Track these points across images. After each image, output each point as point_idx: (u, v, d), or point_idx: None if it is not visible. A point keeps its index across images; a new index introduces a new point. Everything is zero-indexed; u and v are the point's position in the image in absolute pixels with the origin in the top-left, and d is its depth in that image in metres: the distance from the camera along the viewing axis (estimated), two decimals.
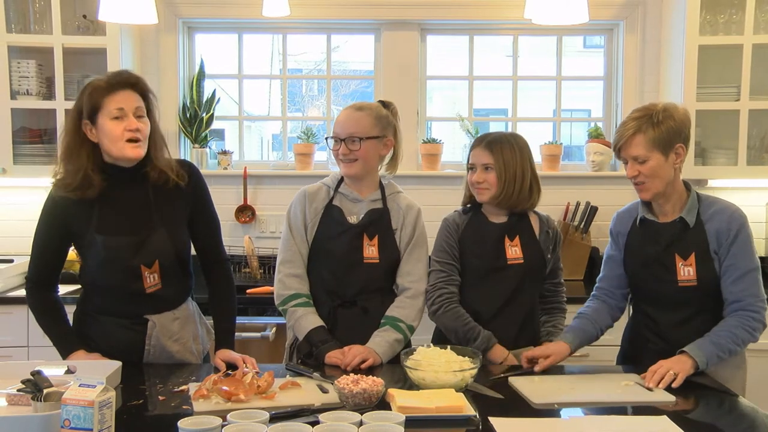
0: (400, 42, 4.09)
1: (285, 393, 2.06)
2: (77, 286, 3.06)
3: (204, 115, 4.06)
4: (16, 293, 3.50)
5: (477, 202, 2.58)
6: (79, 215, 2.29)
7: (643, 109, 2.39)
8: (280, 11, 3.54)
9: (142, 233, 2.31)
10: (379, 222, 2.53)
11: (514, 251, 2.54)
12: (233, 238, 3.99)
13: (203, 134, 4.07)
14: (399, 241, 2.55)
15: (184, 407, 1.97)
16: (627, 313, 2.65)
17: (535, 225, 2.60)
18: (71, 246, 2.39)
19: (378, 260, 2.51)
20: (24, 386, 1.81)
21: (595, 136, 4.15)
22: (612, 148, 2.47)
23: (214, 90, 4.14)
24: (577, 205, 3.99)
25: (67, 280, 2.57)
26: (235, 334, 2.49)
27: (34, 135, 3.85)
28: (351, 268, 2.50)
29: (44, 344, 2.50)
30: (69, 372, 2.07)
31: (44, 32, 3.74)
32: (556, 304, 2.67)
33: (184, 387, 2.12)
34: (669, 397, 2.09)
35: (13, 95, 3.73)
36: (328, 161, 4.17)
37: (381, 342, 2.43)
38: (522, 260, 2.53)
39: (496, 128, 3.90)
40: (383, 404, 1.96)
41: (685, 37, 3.70)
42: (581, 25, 3.18)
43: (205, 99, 4.08)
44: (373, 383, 1.97)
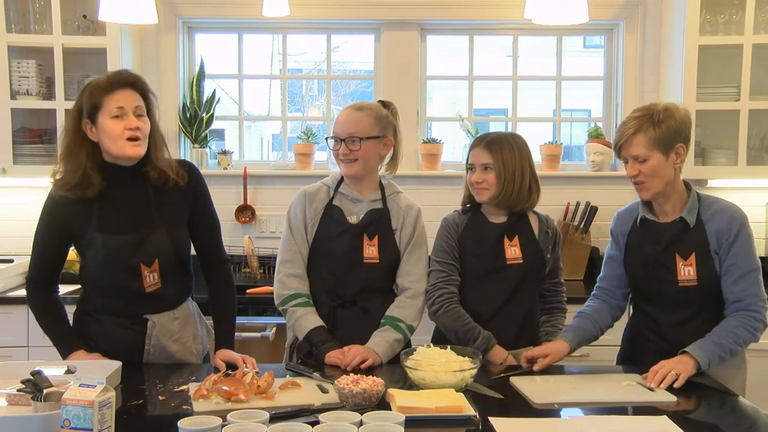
0: (400, 42, 4.09)
1: (285, 393, 2.06)
2: (77, 286, 3.06)
3: (204, 115, 4.06)
4: (16, 293, 3.50)
5: (476, 202, 2.58)
6: (78, 214, 2.29)
7: (644, 109, 2.39)
8: (280, 11, 3.54)
9: (141, 232, 2.31)
10: (379, 222, 2.53)
11: (513, 251, 2.53)
12: (233, 238, 3.99)
13: (203, 134, 4.07)
14: (399, 241, 2.55)
15: (184, 407, 1.97)
16: (627, 313, 2.65)
17: (534, 225, 2.60)
18: (71, 246, 2.39)
19: (378, 260, 2.51)
20: (24, 386, 1.81)
21: (595, 136, 4.15)
22: (612, 147, 2.47)
23: (214, 90, 4.14)
24: (577, 205, 3.99)
25: (67, 280, 2.57)
26: (235, 334, 2.49)
27: (34, 135, 3.85)
28: (351, 268, 2.50)
29: (44, 344, 2.50)
30: (69, 372, 2.07)
31: (44, 32, 3.74)
32: (556, 304, 2.67)
33: (184, 387, 2.12)
34: (670, 398, 2.09)
35: (13, 95, 3.73)
36: (328, 161, 4.16)
37: (381, 342, 2.43)
38: (521, 260, 2.53)
39: (496, 128, 3.90)
40: (383, 404, 1.96)
41: (685, 37, 3.70)
42: (581, 25, 3.17)
43: (205, 99, 4.08)
44: (373, 383, 1.97)
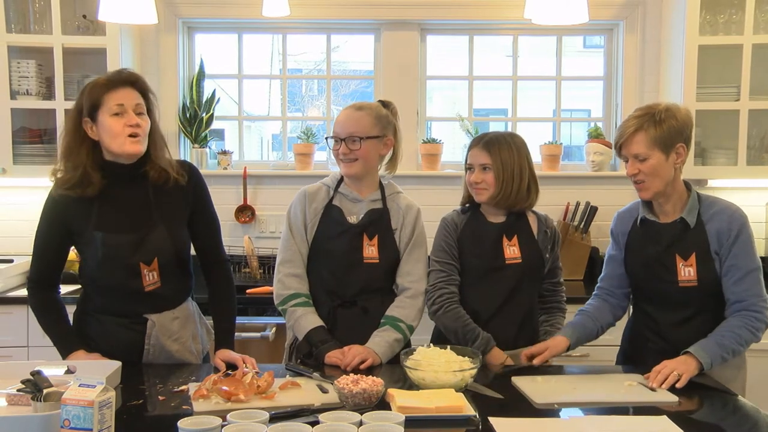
0: (400, 42, 4.09)
1: (285, 393, 2.06)
2: (77, 286, 3.06)
3: (204, 115, 4.06)
4: (16, 293, 3.50)
5: (475, 202, 2.58)
6: (78, 213, 2.29)
7: (645, 108, 2.39)
8: (280, 11, 3.54)
9: (141, 231, 2.31)
10: (378, 222, 2.53)
11: (512, 251, 2.53)
12: (233, 238, 3.99)
13: (203, 134, 4.07)
14: (399, 241, 2.55)
15: (184, 407, 1.97)
16: (627, 313, 2.65)
17: (533, 224, 2.60)
18: (72, 245, 2.39)
19: (378, 260, 2.51)
20: (24, 386, 1.81)
21: (595, 136, 4.15)
22: (613, 146, 2.47)
23: (214, 90, 4.14)
24: (577, 205, 3.99)
25: (67, 280, 2.57)
26: (235, 334, 2.49)
27: (33, 135, 3.85)
28: (351, 268, 2.50)
29: (44, 344, 2.50)
30: (69, 372, 2.07)
31: (44, 32, 3.73)
32: (555, 304, 2.67)
33: (183, 387, 2.12)
34: (672, 398, 2.09)
35: (13, 95, 3.73)
36: (327, 161, 4.17)
37: (381, 342, 2.43)
38: (520, 260, 2.53)
39: (496, 128, 3.90)
40: (383, 404, 1.96)
41: (685, 37, 3.70)
42: (581, 25, 3.17)
43: (204, 99, 4.08)
44: (372, 383, 1.96)
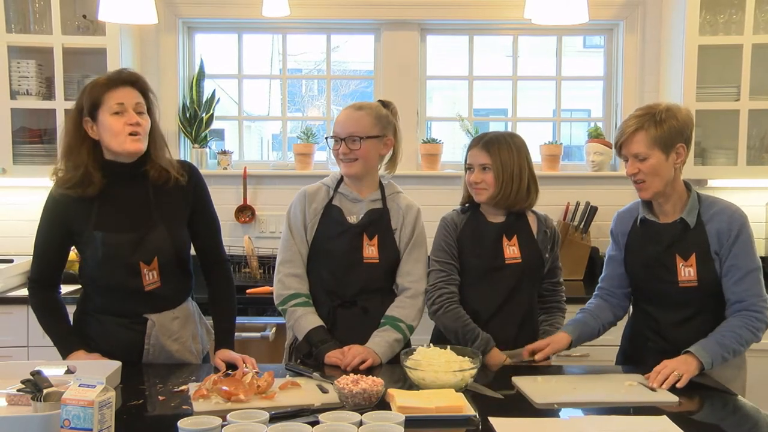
0: (400, 42, 4.09)
1: (285, 393, 2.06)
2: (77, 286, 3.06)
3: (204, 115, 4.06)
4: (16, 293, 3.50)
5: (475, 202, 2.58)
6: (79, 213, 2.29)
7: (646, 108, 2.39)
8: (280, 11, 3.54)
9: (141, 230, 2.31)
10: (378, 222, 2.53)
11: (512, 251, 2.53)
12: (233, 238, 3.99)
13: (203, 134, 4.07)
14: (399, 241, 2.55)
15: (184, 407, 1.97)
16: (627, 313, 2.65)
17: (533, 224, 2.60)
18: (73, 245, 2.39)
19: (378, 260, 2.51)
20: (24, 386, 1.81)
21: (595, 136, 4.15)
22: (613, 145, 2.47)
23: (214, 90, 4.14)
24: (577, 205, 3.99)
25: (67, 280, 2.57)
26: (235, 334, 2.49)
27: (33, 135, 3.85)
28: (351, 268, 2.50)
29: (44, 344, 2.50)
30: (69, 372, 2.07)
31: (44, 32, 3.73)
32: (555, 304, 2.67)
33: (183, 387, 2.12)
34: (672, 398, 2.09)
35: (13, 95, 3.73)
36: (327, 161, 4.17)
37: (381, 342, 2.43)
38: (520, 260, 2.53)
39: (496, 128, 3.90)
40: (383, 404, 1.96)
41: (685, 37, 3.70)
42: (581, 25, 3.17)
43: (204, 99, 4.08)
44: (372, 383, 1.96)
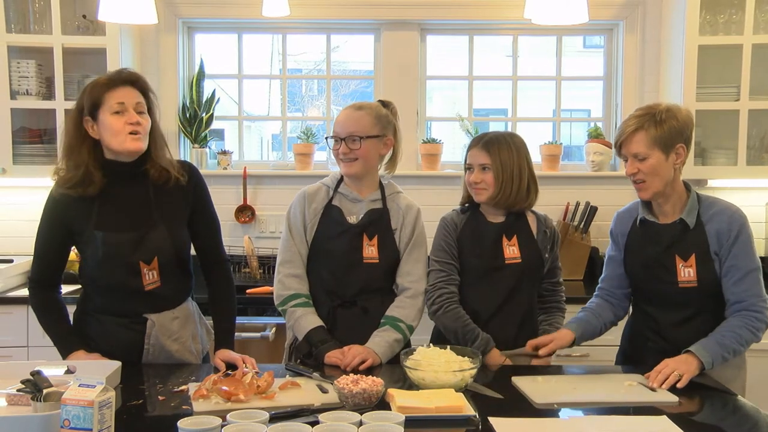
0: (400, 42, 4.09)
1: (285, 393, 2.06)
2: (77, 286, 3.06)
3: (204, 115, 4.06)
4: (16, 293, 3.50)
5: (475, 202, 2.58)
6: (79, 212, 2.29)
7: (646, 108, 2.39)
8: (280, 11, 3.54)
9: (141, 230, 2.31)
10: (378, 222, 2.53)
11: (511, 251, 2.54)
12: (233, 238, 3.99)
13: (203, 134, 4.07)
14: (398, 241, 2.55)
15: (184, 407, 1.97)
16: (627, 313, 2.65)
17: (532, 224, 2.60)
18: (73, 245, 2.39)
19: (377, 260, 2.51)
20: (24, 386, 1.81)
21: (595, 136, 4.15)
22: (613, 145, 2.47)
23: (214, 90, 4.14)
24: (577, 205, 3.99)
25: (67, 280, 2.57)
26: (235, 334, 2.49)
27: (33, 135, 3.85)
28: (350, 268, 2.50)
29: (44, 344, 2.50)
30: (69, 372, 2.07)
31: (44, 32, 3.73)
32: (555, 304, 2.67)
33: (183, 387, 2.12)
34: (672, 398, 2.09)
35: (13, 95, 3.73)
36: (327, 161, 4.17)
37: (380, 342, 2.43)
38: (520, 260, 2.53)
39: (496, 128, 3.90)
40: (383, 404, 1.96)
41: (685, 37, 3.70)
42: (581, 25, 3.17)
43: (204, 99, 4.08)
44: (372, 383, 1.96)
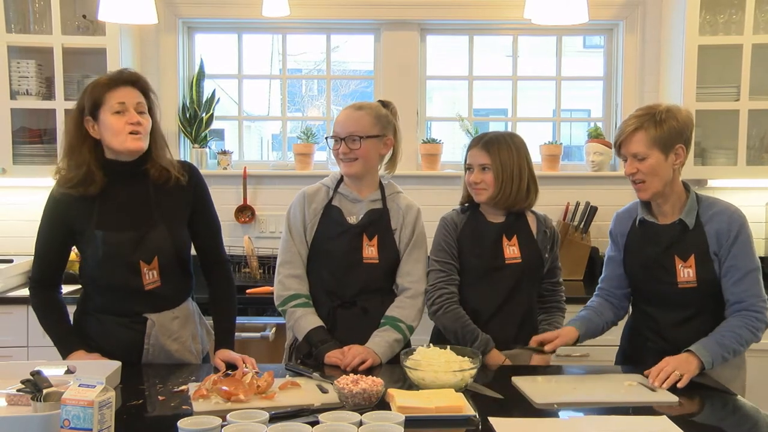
0: (400, 42, 4.09)
1: (285, 393, 2.06)
2: (77, 286, 3.06)
3: (204, 115, 4.06)
4: (16, 293, 3.50)
5: (474, 202, 2.58)
6: (79, 212, 2.30)
7: (646, 108, 2.39)
8: (279, 11, 3.54)
9: (141, 229, 2.31)
10: (378, 222, 2.53)
11: (512, 251, 2.54)
12: (233, 238, 3.99)
13: (203, 134, 4.07)
14: (398, 241, 2.55)
15: (184, 407, 1.97)
16: (627, 313, 2.65)
17: (532, 224, 2.60)
18: (74, 245, 2.39)
19: (377, 260, 2.51)
20: (24, 386, 1.81)
21: (595, 136, 4.15)
22: (613, 145, 2.47)
23: (214, 90, 4.14)
24: (577, 205, 3.99)
25: (67, 280, 2.57)
26: (235, 334, 2.49)
27: (33, 135, 3.85)
28: (350, 268, 2.50)
29: (44, 344, 2.50)
30: (69, 372, 2.07)
31: (44, 32, 3.73)
32: (555, 303, 2.67)
33: (183, 387, 2.12)
34: (672, 398, 2.09)
35: (13, 95, 3.73)
36: (327, 161, 4.17)
37: (380, 342, 2.43)
38: (520, 260, 2.53)
39: (496, 128, 3.90)
40: (383, 404, 1.96)
41: (685, 37, 3.70)
42: (581, 25, 3.17)
43: (204, 99, 4.08)
44: (372, 383, 1.96)
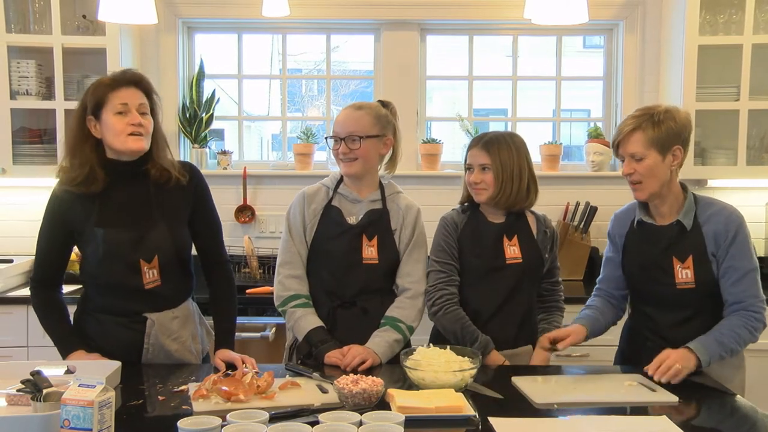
0: (400, 42, 4.09)
1: (285, 393, 2.06)
2: (78, 286, 3.06)
3: (204, 115, 4.06)
4: (16, 293, 3.49)
5: (474, 202, 2.59)
6: (80, 211, 2.30)
7: (645, 109, 2.40)
8: (279, 11, 3.54)
9: (142, 228, 2.31)
10: (378, 222, 2.53)
11: (512, 251, 2.54)
12: (233, 238, 3.99)
13: (203, 134, 4.07)
14: (398, 241, 2.55)
15: (184, 407, 1.97)
16: (626, 313, 2.65)
17: (532, 224, 2.60)
18: (74, 244, 2.39)
19: (377, 261, 2.51)
20: (24, 386, 1.81)
21: (595, 136, 4.15)
22: (611, 145, 2.48)
23: (214, 90, 4.14)
24: (577, 205, 3.99)
25: (67, 280, 2.57)
26: (235, 334, 2.49)
27: (33, 135, 3.85)
28: (350, 268, 2.50)
29: (44, 344, 2.50)
30: (69, 372, 2.07)
31: (44, 32, 3.73)
32: (554, 303, 2.67)
33: (183, 387, 2.12)
34: (672, 398, 2.09)
35: (13, 95, 3.73)
36: (327, 161, 4.17)
37: (380, 342, 2.43)
38: (521, 260, 2.54)
39: (496, 128, 3.89)
40: (383, 404, 1.96)
41: (685, 37, 3.70)
42: (581, 25, 3.17)
43: (204, 99, 4.08)
44: (372, 383, 1.97)
